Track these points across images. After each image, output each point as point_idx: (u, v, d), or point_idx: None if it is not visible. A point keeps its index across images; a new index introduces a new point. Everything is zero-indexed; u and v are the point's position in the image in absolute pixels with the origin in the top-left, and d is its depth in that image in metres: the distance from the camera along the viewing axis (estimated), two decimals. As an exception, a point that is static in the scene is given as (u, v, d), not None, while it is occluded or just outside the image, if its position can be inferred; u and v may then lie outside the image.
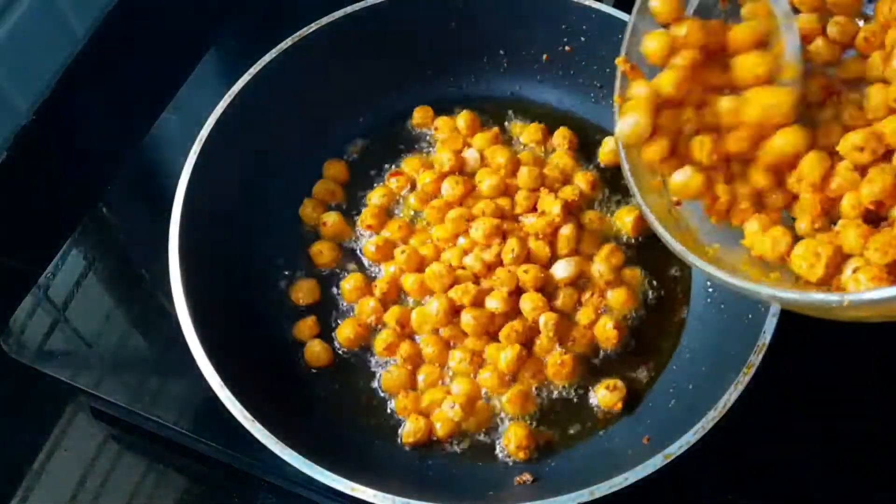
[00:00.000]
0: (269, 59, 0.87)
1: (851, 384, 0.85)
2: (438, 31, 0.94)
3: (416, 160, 0.94)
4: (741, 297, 0.61)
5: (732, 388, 0.69)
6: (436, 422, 0.79)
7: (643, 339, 0.84)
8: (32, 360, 0.84)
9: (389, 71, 0.96)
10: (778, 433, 0.82)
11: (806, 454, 0.81)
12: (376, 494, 0.66)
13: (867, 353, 0.85)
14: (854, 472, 0.81)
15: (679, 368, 0.82)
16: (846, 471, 0.81)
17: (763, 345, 0.71)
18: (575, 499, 0.65)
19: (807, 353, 0.82)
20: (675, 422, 0.72)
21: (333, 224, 0.89)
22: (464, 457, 0.79)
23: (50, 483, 0.83)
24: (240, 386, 0.71)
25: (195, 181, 0.80)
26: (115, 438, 0.85)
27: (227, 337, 0.78)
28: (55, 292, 0.89)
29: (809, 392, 0.83)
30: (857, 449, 0.82)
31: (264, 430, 0.68)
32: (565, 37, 0.93)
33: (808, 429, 0.82)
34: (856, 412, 0.83)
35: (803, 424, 0.82)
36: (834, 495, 0.80)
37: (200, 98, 0.97)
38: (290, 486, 0.81)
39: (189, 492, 0.82)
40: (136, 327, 0.88)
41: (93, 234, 0.93)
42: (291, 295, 0.87)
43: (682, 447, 0.67)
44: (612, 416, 0.80)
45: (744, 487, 0.80)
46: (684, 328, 0.85)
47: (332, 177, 0.94)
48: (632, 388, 0.81)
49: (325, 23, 0.89)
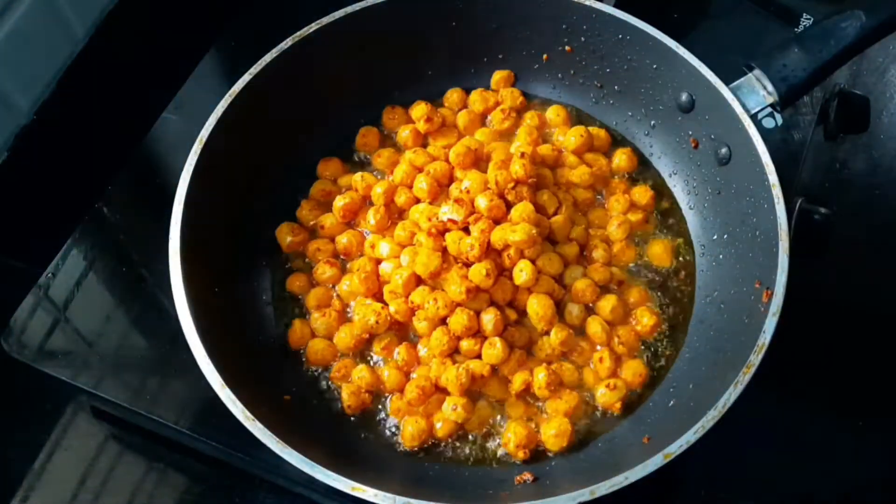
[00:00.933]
0: (270, 59, 0.86)
1: (851, 383, 0.85)
2: (439, 31, 0.94)
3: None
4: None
5: (732, 388, 0.69)
6: (436, 422, 0.79)
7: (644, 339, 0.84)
8: (33, 360, 0.84)
9: (390, 70, 0.96)
10: (777, 433, 0.82)
11: (805, 454, 0.82)
12: (377, 494, 0.66)
13: (867, 354, 0.86)
14: (854, 471, 0.81)
15: (679, 368, 0.82)
16: (846, 471, 0.82)
17: (763, 345, 0.71)
18: (575, 498, 0.65)
19: (806, 353, 0.83)
20: (675, 422, 0.72)
21: (331, 226, 0.90)
22: (464, 456, 0.79)
23: (51, 482, 0.83)
24: (240, 385, 0.71)
25: (196, 181, 0.80)
26: (116, 438, 0.85)
27: (228, 336, 0.78)
28: (56, 292, 0.89)
29: (809, 391, 0.84)
30: (857, 448, 0.82)
31: (265, 430, 0.68)
32: (566, 37, 0.93)
33: (808, 428, 0.83)
34: (855, 411, 0.83)
35: (803, 424, 0.83)
36: (832, 495, 0.80)
37: (201, 98, 0.97)
38: (290, 486, 0.81)
39: (189, 491, 0.83)
40: (136, 327, 0.88)
41: (93, 234, 0.93)
42: (288, 287, 0.87)
43: (682, 447, 0.67)
44: (613, 416, 0.80)
45: (743, 488, 0.80)
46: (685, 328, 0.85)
47: (328, 176, 0.94)
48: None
49: (326, 23, 0.89)
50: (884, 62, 1.06)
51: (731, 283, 0.83)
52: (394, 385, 0.81)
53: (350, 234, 0.88)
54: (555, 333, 0.82)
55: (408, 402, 0.80)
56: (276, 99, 0.88)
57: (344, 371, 0.82)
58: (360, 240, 0.88)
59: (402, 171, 0.90)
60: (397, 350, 0.83)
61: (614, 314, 0.83)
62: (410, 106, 0.96)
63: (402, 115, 0.96)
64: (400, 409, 0.80)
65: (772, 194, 0.78)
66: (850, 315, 0.89)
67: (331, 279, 0.87)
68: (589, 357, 0.83)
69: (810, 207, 0.87)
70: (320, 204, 0.92)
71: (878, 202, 0.96)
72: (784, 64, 0.80)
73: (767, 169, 0.79)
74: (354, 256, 0.88)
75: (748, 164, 0.81)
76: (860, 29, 0.78)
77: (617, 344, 0.82)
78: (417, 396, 0.79)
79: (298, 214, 0.91)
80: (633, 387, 0.81)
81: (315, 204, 0.92)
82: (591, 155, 0.93)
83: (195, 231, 0.79)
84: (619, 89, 0.94)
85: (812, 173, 0.96)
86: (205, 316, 0.75)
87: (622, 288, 0.86)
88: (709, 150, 0.87)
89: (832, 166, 0.98)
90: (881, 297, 0.90)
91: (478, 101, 0.96)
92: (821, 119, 0.97)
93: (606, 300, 0.83)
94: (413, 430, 0.78)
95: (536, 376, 0.80)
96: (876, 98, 1.01)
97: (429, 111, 0.94)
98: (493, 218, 0.83)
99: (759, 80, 0.81)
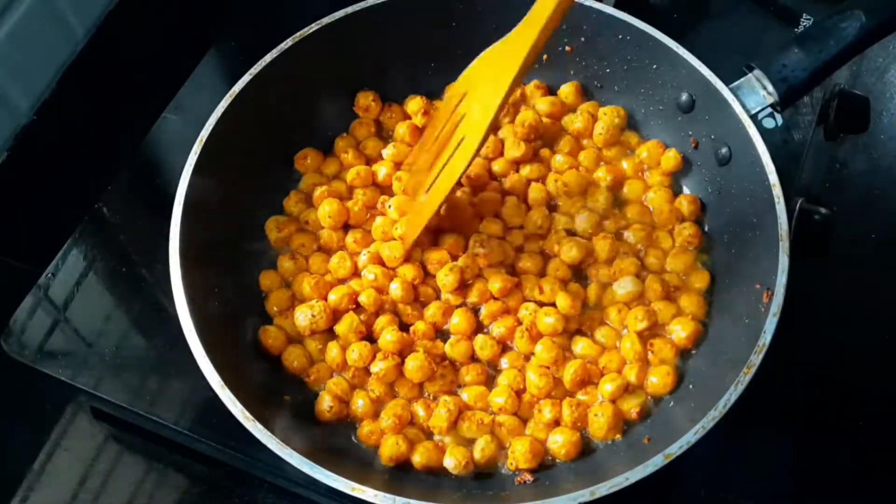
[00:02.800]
0: (270, 59, 0.87)
1: (851, 383, 0.85)
2: (439, 31, 0.95)
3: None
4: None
5: (732, 388, 0.69)
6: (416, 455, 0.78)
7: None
8: (33, 360, 0.84)
9: (390, 70, 0.96)
10: (778, 433, 0.83)
11: (805, 455, 0.82)
12: (377, 494, 0.66)
13: (867, 354, 0.86)
14: (853, 470, 0.82)
15: (679, 369, 0.82)
16: (846, 471, 0.82)
17: (763, 345, 0.71)
18: (576, 498, 0.66)
19: (807, 354, 0.83)
20: (676, 422, 0.72)
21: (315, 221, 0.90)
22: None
23: (50, 482, 0.83)
24: (240, 386, 0.71)
25: (195, 181, 0.80)
26: (116, 438, 0.86)
27: (228, 337, 0.79)
28: (55, 292, 0.89)
29: (809, 392, 0.84)
30: (857, 448, 0.82)
31: (264, 430, 0.68)
32: (566, 37, 0.93)
33: (809, 429, 0.83)
34: (855, 411, 0.84)
35: (803, 424, 0.83)
36: (833, 496, 0.81)
37: (201, 98, 0.97)
38: (290, 486, 0.81)
39: (189, 491, 0.83)
40: (135, 327, 0.88)
41: (93, 234, 0.93)
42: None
43: (683, 447, 0.67)
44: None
45: (743, 488, 0.80)
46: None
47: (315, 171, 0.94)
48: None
49: (326, 23, 0.89)
50: (884, 62, 1.06)
51: (731, 283, 0.83)
52: (366, 411, 0.80)
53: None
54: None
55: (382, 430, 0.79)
56: (276, 99, 0.88)
57: (316, 376, 0.82)
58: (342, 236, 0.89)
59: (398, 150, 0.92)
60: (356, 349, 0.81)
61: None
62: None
63: (399, 112, 0.97)
64: (372, 433, 0.79)
65: (772, 194, 0.78)
66: (850, 314, 0.89)
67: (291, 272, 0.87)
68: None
69: (810, 207, 0.87)
70: (308, 197, 0.92)
71: (878, 202, 0.97)
72: (784, 64, 0.80)
73: (768, 169, 0.79)
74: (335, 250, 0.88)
75: (748, 165, 0.81)
76: (860, 29, 0.78)
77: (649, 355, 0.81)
78: (393, 425, 0.78)
79: (285, 204, 0.91)
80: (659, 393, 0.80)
81: (303, 196, 0.92)
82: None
83: (195, 231, 0.79)
84: (618, 90, 0.95)
85: (812, 173, 0.96)
86: (204, 316, 0.75)
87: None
88: (709, 151, 0.87)
89: (832, 166, 0.98)
90: (882, 297, 0.90)
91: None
92: (821, 119, 0.97)
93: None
94: (392, 452, 0.77)
95: (564, 409, 0.78)
96: (876, 98, 1.02)
97: (424, 105, 0.94)
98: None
99: (759, 81, 0.81)
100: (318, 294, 0.84)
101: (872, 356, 0.86)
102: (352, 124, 0.96)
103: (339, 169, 0.94)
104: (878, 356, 0.86)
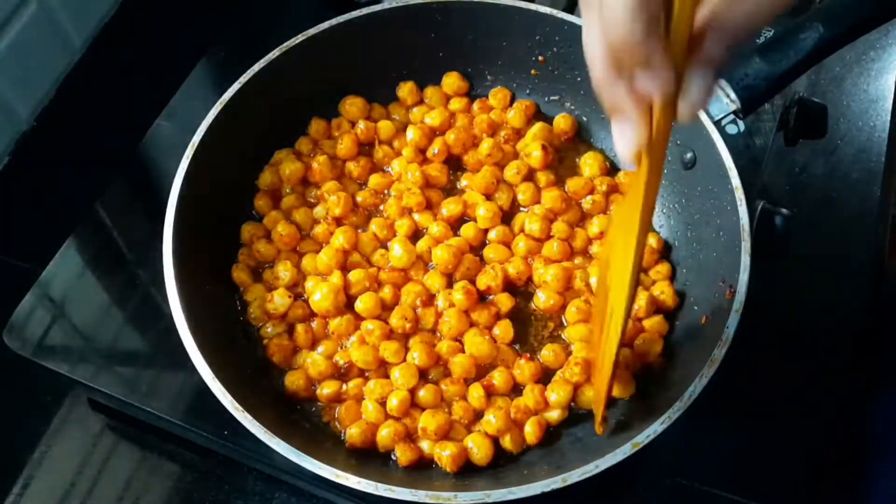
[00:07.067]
0: (258, 69, 0.88)
1: (807, 378, 0.86)
2: (420, 41, 0.96)
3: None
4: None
5: (697, 381, 0.71)
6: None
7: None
8: (33, 355, 0.84)
9: (375, 79, 0.98)
10: (742, 423, 0.83)
11: (769, 444, 0.82)
12: (360, 481, 0.67)
13: (822, 350, 0.87)
14: (814, 458, 0.82)
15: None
16: (801, 460, 0.82)
17: (726, 339, 0.72)
18: (549, 485, 0.67)
19: (770, 347, 0.84)
20: (644, 412, 0.74)
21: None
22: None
23: (50, 470, 0.83)
24: (230, 378, 0.72)
25: (188, 184, 0.81)
26: (112, 428, 0.86)
27: (219, 331, 0.80)
28: (54, 290, 0.89)
29: (772, 384, 0.85)
30: (819, 437, 0.83)
31: (253, 420, 0.69)
32: (538, 48, 0.95)
33: (771, 419, 0.84)
34: (815, 402, 0.84)
35: (766, 415, 0.84)
36: (797, 482, 0.81)
37: (192, 106, 0.97)
38: (277, 474, 0.82)
39: (182, 479, 0.83)
40: (131, 323, 0.88)
41: (90, 235, 0.93)
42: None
43: (650, 436, 0.69)
44: (584, 409, 0.81)
45: (708, 475, 0.80)
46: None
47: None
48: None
49: (311, 34, 0.90)
50: (840, 71, 1.07)
51: (697, 282, 0.85)
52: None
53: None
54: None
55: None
56: (264, 107, 0.89)
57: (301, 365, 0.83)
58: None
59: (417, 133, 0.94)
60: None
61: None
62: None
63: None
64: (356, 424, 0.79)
65: (734, 196, 0.79)
66: (808, 312, 0.90)
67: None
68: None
69: (771, 209, 0.89)
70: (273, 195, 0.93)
71: (834, 204, 0.97)
72: (746, 73, 0.80)
73: (731, 173, 0.80)
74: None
75: (712, 168, 0.82)
76: (818, 40, 0.78)
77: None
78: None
79: (256, 204, 0.92)
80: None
81: (270, 196, 0.93)
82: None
83: (187, 231, 0.80)
84: (584, 93, 0.96)
85: (773, 177, 0.97)
86: (196, 312, 0.76)
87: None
88: (675, 155, 0.88)
89: (792, 170, 0.99)
90: (838, 294, 0.91)
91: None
92: (781, 125, 0.98)
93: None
94: (356, 432, 0.78)
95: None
96: (833, 105, 1.02)
97: (413, 87, 0.98)
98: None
99: (723, 89, 0.81)
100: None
101: (827, 352, 0.87)
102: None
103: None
104: (832, 352, 0.87)
